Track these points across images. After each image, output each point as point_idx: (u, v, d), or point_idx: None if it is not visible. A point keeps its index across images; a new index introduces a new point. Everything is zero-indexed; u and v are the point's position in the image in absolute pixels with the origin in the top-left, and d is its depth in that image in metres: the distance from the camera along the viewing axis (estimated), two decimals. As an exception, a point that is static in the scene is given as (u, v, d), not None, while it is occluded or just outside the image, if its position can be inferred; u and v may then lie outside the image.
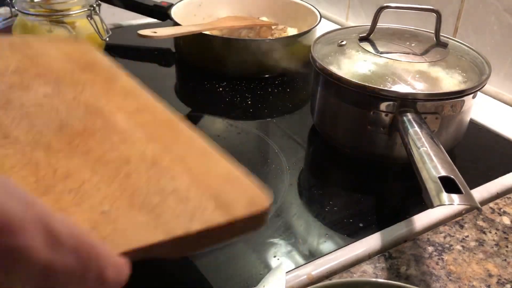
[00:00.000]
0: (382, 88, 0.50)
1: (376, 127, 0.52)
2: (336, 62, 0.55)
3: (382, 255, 0.43)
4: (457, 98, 0.51)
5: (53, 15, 0.74)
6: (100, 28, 0.78)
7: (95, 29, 0.76)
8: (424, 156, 0.42)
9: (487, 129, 0.64)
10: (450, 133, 0.54)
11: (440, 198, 0.37)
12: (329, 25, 0.98)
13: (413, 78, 0.52)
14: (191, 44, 0.77)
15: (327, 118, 0.58)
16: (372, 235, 0.45)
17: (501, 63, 0.72)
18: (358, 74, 0.53)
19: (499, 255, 0.44)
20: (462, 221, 0.48)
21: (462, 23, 0.77)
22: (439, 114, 0.51)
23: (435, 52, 0.56)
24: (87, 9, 0.76)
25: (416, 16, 0.78)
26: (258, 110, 0.68)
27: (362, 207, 0.49)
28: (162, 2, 0.86)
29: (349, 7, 0.99)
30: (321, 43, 0.60)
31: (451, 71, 0.53)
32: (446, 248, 0.44)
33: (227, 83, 0.74)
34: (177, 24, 0.78)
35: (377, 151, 0.54)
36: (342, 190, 0.53)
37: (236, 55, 0.75)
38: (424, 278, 0.41)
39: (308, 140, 0.62)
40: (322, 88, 0.56)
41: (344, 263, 0.42)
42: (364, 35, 0.59)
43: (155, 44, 0.86)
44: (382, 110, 0.51)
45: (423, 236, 0.46)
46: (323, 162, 0.58)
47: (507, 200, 0.51)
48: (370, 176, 0.55)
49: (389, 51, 0.56)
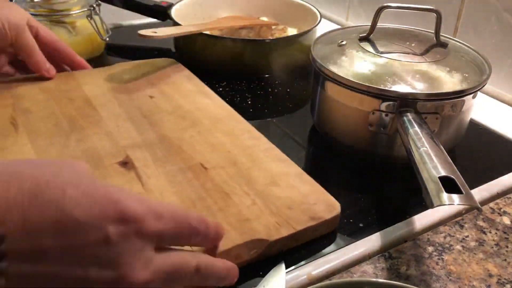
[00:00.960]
0: (382, 88, 0.50)
1: (376, 127, 0.52)
2: (336, 62, 0.55)
3: (382, 255, 0.43)
4: (457, 98, 0.51)
5: (53, 15, 0.74)
6: (100, 28, 0.78)
7: (95, 29, 0.76)
8: (424, 156, 0.42)
9: (487, 129, 0.64)
10: (450, 133, 0.54)
11: (440, 198, 0.37)
12: (329, 25, 0.99)
13: (413, 78, 0.52)
14: (191, 44, 0.77)
15: (327, 118, 0.58)
16: (372, 235, 0.45)
17: (501, 63, 0.72)
18: (358, 74, 0.53)
19: (499, 255, 0.44)
20: (462, 221, 0.48)
21: (462, 23, 0.76)
22: (439, 114, 0.51)
23: (435, 52, 0.56)
24: (87, 9, 0.76)
25: (416, 16, 0.78)
26: (258, 110, 0.68)
27: (362, 207, 0.49)
28: (162, 2, 0.86)
29: (349, 7, 0.99)
30: (321, 43, 0.60)
31: (451, 71, 0.53)
32: (446, 248, 0.44)
33: (227, 83, 0.74)
34: (177, 24, 0.78)
35: (377, 151, 0.54)
36: (342, 190, 0.53)
37: (236, 55, 0.75)
38: (424, 278, 0.41)
39: (308, 140, 0.62)
40: (322, 88, 0.56)
41: (344, 263, 0.42)
42: (364, 35, 0.59)
43: (155, 44, 0.86)
44: (382, 110, 0.51)
45: (423, 236, 0.46)
46: (323, 162, 0.58)
47: (507, 200, 0.51)
48: (370, 176, 0.55)
49: (389, 51, 0.56)
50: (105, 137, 0.53)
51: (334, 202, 0.45)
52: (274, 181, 0.48)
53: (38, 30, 0.63)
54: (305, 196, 0.46)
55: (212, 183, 0.47)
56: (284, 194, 0.46)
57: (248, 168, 0.49)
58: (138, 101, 0.61)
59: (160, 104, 0.61)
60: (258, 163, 0.50)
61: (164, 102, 0.61)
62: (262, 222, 0.42)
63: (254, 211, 0.43)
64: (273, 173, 0.49)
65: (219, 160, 0.50)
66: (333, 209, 0.44)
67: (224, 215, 0.43)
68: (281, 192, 0.46)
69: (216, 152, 0.52)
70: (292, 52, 0.76)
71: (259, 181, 0.47)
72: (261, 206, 0.44)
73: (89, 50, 0.78)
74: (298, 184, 0.47)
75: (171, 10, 0.83)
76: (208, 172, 0.48)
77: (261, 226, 0.42)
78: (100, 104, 0.60)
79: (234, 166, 0.49)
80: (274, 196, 0.45)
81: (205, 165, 0.49)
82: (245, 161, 0.50)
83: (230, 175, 0.48)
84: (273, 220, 0.42)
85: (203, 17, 0.89)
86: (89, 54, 0.77)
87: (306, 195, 0.46)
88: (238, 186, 0.46)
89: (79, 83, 0.65)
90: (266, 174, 0.48)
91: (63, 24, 0.75)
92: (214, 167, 0.49)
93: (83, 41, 0.77)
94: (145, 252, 0.31)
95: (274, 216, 0.43)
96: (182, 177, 0.47)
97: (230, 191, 0.46)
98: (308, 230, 0.43)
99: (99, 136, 0.53)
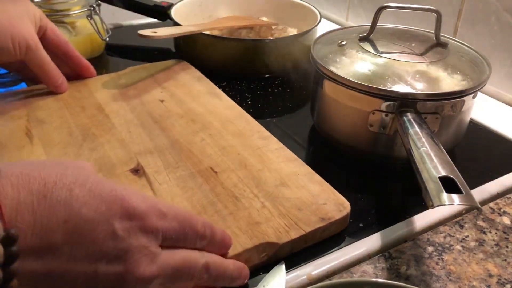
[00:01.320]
0: (382, 88, 0.50)
1: (376, 127, 0.52)
2: (336, 62, 0.55)
3: (382, 255, 0.43)
4: (457, 98, 0.51)
5: (54, 15, 0.74)
6: (100, 28, 0.78)
7: (95, 29, 0.76)
8: (424, 156, 0.42)
9: (487, 129, 0.64)
10: (450, 133, 0.54)
11: (440, 198, 0.37)
12: (329, 25, 0.99)
13: (413, 78, 0.52)
14: (191, 44, 0.77)
15: (327, 118, 0.58)
16: (372, 235, 0.45)
17: (501, 63, 0.72)
18: (358, 74, 0.53)
19: (499, 255, 0.44)
20: (462, 221, 0.48)
21: (462, 23, 0.76)
22: (439, 114, 0.51)
23: (435, 52, 0.56)
24: (87, 9, 0.76)
25: (416, 16, 0.78)
26: (258, 110, 0.68)
27: (362, 207, 0.49)
28: (162, 2, 0.86)
29: (349, 7, 0.99)
30: (321, 43, 0.60)
31: (451, 71, 0.53)
32: (446, 248, 0.44)
33: (227, 83, 0.74)
34: (177, 24, 0.78)
35: (377, 151, 0.54)
36: (342, 190, 0.53)
37: (236, 55, 0.75)
38: (424, 278, 0.41)
39: (308, 140, 0.62)
40: (322, 88, 0.56)
41: (344, 263, 0.42)
42: (364, 35, 0.59)
43: (155, 44, 0.86)
44: (382, 110, 0.51)
45: (423, 236, 0.46)
46: (323, 162, 0.58)
47: (507, 200, 0.51)
48: (370, 176, 0.55)
49: (389, 51, 0.56)
50: (117, 144, 0.54)
51: (344, 201, 0.46)
52: (283, 182, 0.48)
53: (46, 31, 0.62)
54: (314, 197, 0.46)
55: (222, 187, 0.47)
56: (294, 195, 0.46)
57: (258, 170, 0.50)
58: (149, 105, 0.62)
59: (171, 108, 0.62)
60: (268, 164, 0.51)
61: (174, 106, 0.62)
62: (271, 225, 0.42)
63: (264, 214, 0.44)
64: (283, 174, 0.49)
65: (229, 163, 0.51)
66: (342, 209, 0.45)
67: (234, 219, 0.43)
68: (290, 193, 0.46)
69: (227, 155, 0.52)
70: (292, 52, 0.76)
71: (269, 182, 0.48)
72: (271, 208, 0.44)
73: (89, 50, 0.78)
74: (308, 184, 0.48)
75: (171, 10, 0.83)
76: (218, 176, 0.49)
77: (270, 229, 0.42)
78: (112, 111, 0.60)
79: (244, 168, 0.50)
80: (284, 198, 0.46)
81: (215, 169, 0.50)
82: (255, 162, 0.51)
83: (240, 178, 0.48)
84: (283, 223, 0.43)
85: (203, 17, 0.89)
86: (89, 54, 0.77)
87: (316, 195, 0.46)
88: (248, 189, 0.47)
89: (91, 90, 0.66)
90: (276, 176, 0.49)
91: (63, 24, 0.75)
92: (224, 171, 0.50)
93: (83, 41, 0.77)
94: (151, 248, 0.31)
95: (283, 218, 0.43)
96: (192, 182, 0.48)
97: (240, 195, 0.46)
98: (317, 231, 0.43)
99: (111, 144, 0.54)
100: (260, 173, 0.49)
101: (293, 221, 0.43)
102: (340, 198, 0.46)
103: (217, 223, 0.42)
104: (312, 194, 0.46)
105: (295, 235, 0.42)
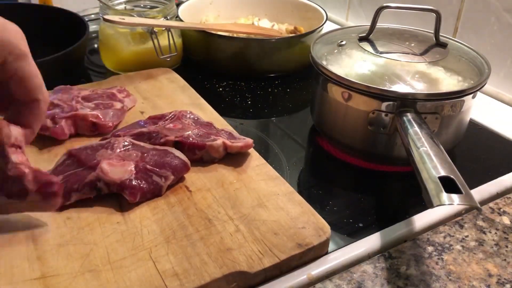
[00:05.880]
0: (382, 88, 0.50)
1: (376, 127, 0.52)
2: (336, 62, 0.55)
3: (382, 255, 0.43)
4: (457, 98, 0.51)
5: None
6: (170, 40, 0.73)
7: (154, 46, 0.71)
8: (424, 156, 0.42)
9: (487, 129, 0.64)
10: (450, 133, 0.54)
11: (440, 198, 0.37)
12: (329, 25, 0.99)
13: (413, 78, 0.52)
14: (191, 44, 0.77)
15: (327, 118, 0.58)
16: (372, 235, 0.45)
17: (501, 63, 0.72)
18: (358, 74, 0.53)
19: (499, 255, 0.44)
20: (462, 221, 0.48)
21: (462, 23, 0.77)
22: (439, 114, 0.51)
23: (435, 52, 0.56)
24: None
25: (416, 16, 0.79)
26: (258, 110, 0.68)
27: (362, 207, 0.50)
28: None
29: (349, 7, 0.99)
30: (321, 43, 0.60)
31: (451, 71, 0.53)
32: (446, 248, 0.44)
33: (227, 83, 0.74)
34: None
35: (377, 151, 0.54)
36: (342, 190, 0.53)
37: (236, 55, 0.75)
38: (424, 278, 0.41)
39: (308, 140, 0.62)
40: (322, 88, 0.56)
41: (344, 263, 0.42)
42: (364, 35, 0.59)
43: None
44: (382, 110, 0.51)
45: (423, 236, 0.46)
46: (323, 162, 0.58)
47: (507, 200, 0.51)
48: (370, 176, 0.55)
49: (388, 51, 0.56)
50: None
51: (324, 225, 0.43)
52: (261, 202, 0.45)
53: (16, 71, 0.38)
54: (293, 219, 0.43)
55: (196, 208, 0.45)
56: (271, 218, 0.44)
57: (235, 189, 0.47)
58: (127, 117, 0.59)
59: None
60: (247, 182, 0.48)
61: None
62: (244, 251, 0.40)
63: (237, 238, 0.41)
64: (261, 193, 0.47)
65: (206, 181, 0.48)
66: (322, 233, 0.42)
67: (204, 244, 0.40)
68: (268, 215, 0.44)
69: (204, 172, 0.50)
70: (295, 52, 0.76)
71: (246, 203, 0.45)
72: (245, 232, 0.42)
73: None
74: (287, 206, 0.45)
75: (178, 9, 0.82)
76: (193, 196, 0.46)
77: (243, 256, 0.39)
78: None
79: (221, 187, 0.47)
80: (260, 220, 0.43)
81: (190, 187, 0.47)
82: (233, 180, 0.48)
83: (216, 198, 0.46)
84: (256, 249, 0.40)
85: (206, 19, 0.89)
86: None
87: (295, 217, 0.44)
88: (223, 210, 0.44)
89: None
90: (254, 195, 0.46)
91: (153, 35, 0.70)
92: (199, 189, 0.47)
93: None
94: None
95: (258, 244, 0.41)
96: (164, 202, 0.45)
97: (213, 217, 0.43)
98: (293, 259, 0.40)
99: None
100: (238, 192, 0.47)
101: (268, 247, 0.40)
102: (320, 222, 0.43)
103: (186, 249, 0.40)
104: (290, 217, 0.44)
105: (268, 263, 0.39)
